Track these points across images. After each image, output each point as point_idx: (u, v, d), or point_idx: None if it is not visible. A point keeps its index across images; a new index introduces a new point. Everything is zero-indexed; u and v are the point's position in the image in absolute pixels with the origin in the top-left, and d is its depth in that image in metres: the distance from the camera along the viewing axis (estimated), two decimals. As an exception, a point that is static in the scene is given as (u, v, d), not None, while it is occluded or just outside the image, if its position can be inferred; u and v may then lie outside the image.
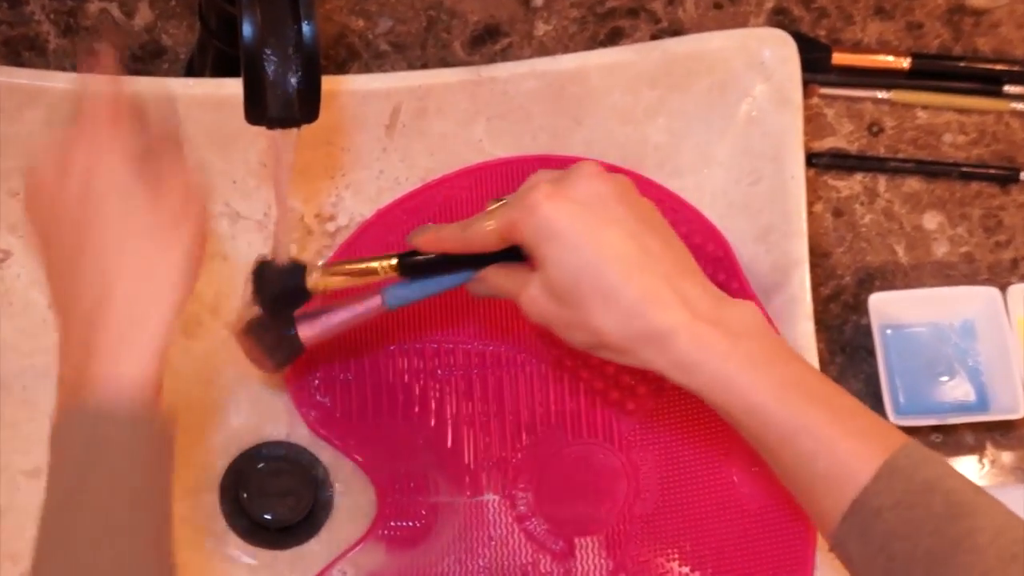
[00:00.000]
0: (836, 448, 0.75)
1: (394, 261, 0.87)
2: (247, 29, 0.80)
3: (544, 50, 1.14)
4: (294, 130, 0.83)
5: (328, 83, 0.99)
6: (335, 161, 1.03)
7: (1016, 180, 1.12)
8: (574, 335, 0.80)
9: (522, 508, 0.99)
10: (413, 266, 0.87)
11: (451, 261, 0.86)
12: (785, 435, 0.76)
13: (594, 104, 1.04)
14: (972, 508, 0.74)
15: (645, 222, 0.80)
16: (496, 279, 0.84)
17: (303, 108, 0.82)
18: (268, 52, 0.81)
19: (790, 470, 0.78)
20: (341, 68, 1.12)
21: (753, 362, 0.77)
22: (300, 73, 0.81)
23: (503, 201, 0.83)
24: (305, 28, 0.81)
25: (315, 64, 0.81)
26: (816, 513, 0.78)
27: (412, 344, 1.02)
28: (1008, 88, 1.15)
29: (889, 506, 0.73)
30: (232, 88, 0.85)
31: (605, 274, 0.77)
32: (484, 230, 0.82)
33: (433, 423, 1.01)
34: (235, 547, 0.97)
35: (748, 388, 0.76)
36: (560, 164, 1.02)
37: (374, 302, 0.90)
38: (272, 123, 0.82)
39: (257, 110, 0.82)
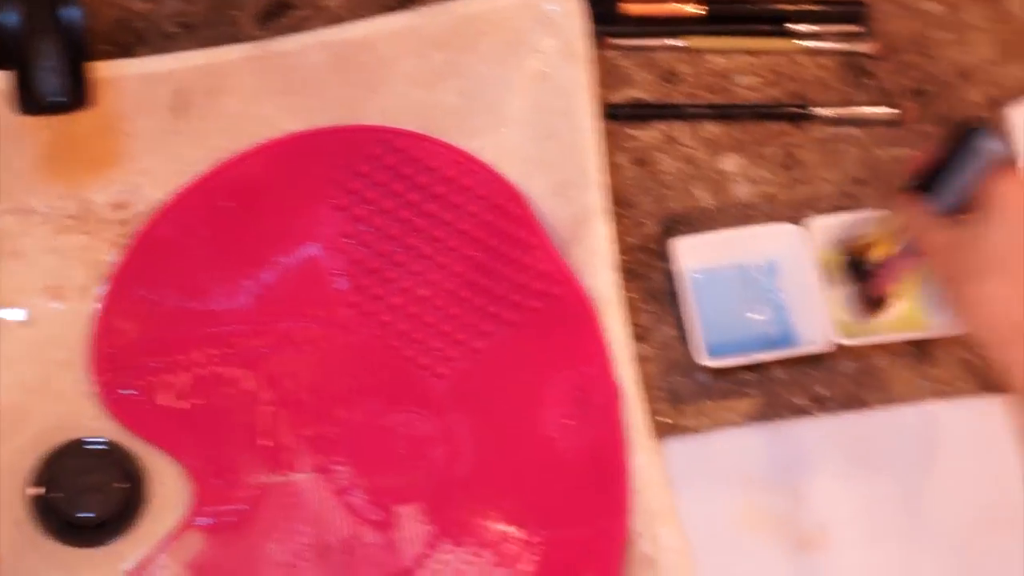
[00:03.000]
0: None
1: None
2: (10, 17, 0.79)
3: (336, 20, 1.12)
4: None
5: (108, 68, 0.98)
6: (125, 147, 1.02)
7: (809, 117, 1.13)
8: (954, 273, 0.87)
9: (341, 481, 0.99)
10: None
11: None
12: None
13: (385, 71, 1.04)
14: None
15: None
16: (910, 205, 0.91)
17: (74, 94, 0.81)
18: (34, 40, 0.80)
19: None
20: (128, 53, 1.10)
21: None
22: (68, 59, 0.80)
23: None
24: (68, 13, 0.80)
25: (82, 49, 0.81)
26: None
27: (218, 327, 1.01)
28: (796, 27, 1.17)
29: None
30: (4, 80, 0.83)
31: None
32: None
33: (244, 405, 1.00)
34: (49, 548, 0.95)
35: None
36: (356, 134, 1.03)
37: None
38: (44, 111, 0.82)
39: (28, 99, 0.81)
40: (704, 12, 1.16)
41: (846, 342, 1.04)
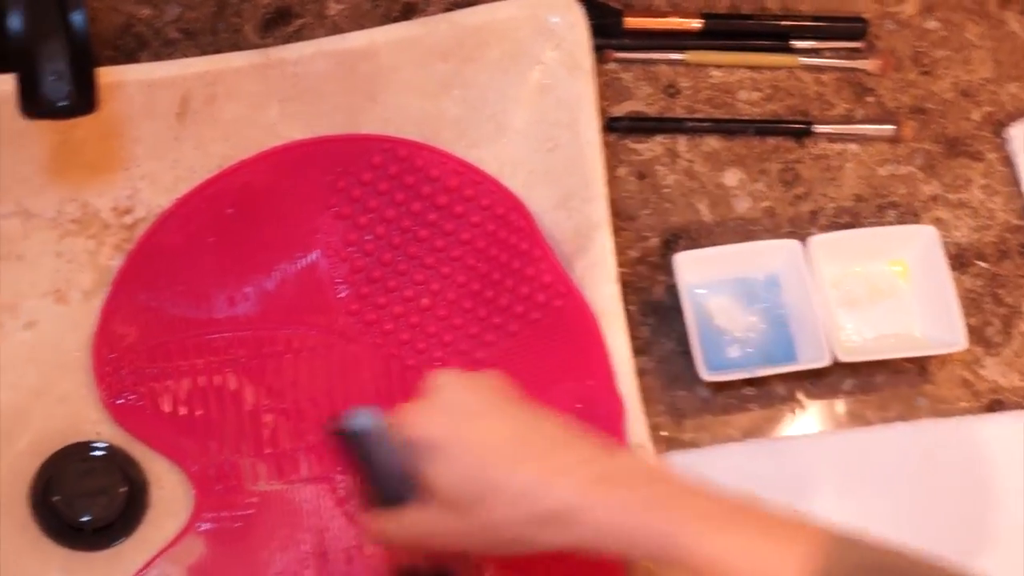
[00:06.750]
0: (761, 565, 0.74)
1: None
2: (14, 22, 0.79)
3: (338, 30, 1.13)
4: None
5: (112, 73, 0.98)
6: (128, 152, 1.02)
7: (810, 133, 1.14)
8: (475, 541, 0.79)
9: (342, 491, 0.98)
10: None
11: None
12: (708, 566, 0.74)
13: (387, 80, 1.04)
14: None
15: (511, 411, 0.81)
16: (377, 526, 0.83)
17: (79, 99, 0.80)
18: (40, 44, 0.80)
19: None
20: (131, 58, 1.10)
21: (655, 504, 0.76)
22: (73, 63, 0.80)
23: None
24: (75, 17, 0.80)
25: (87, 53, 0.80)
26: None
27: (220, 334, 1.01)
28: (796, 43, 1.17)
29: None
30: (10, 83, 0.83)
31: (486, 472, 0.77)
32: None
33: (245, 412, 0.99)
34: (49, 551, 0.95)
35: (660, 530, 0.75)
36: (359, 143, 1.03)
37: None
38: (50, 115, 0.81)
39: (32, 103, 0.81)
40: (701, 25, 1.16)
41: (846, 358, 1.04)
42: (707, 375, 1.03)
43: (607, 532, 0.75)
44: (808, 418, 1.07)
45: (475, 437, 0.78)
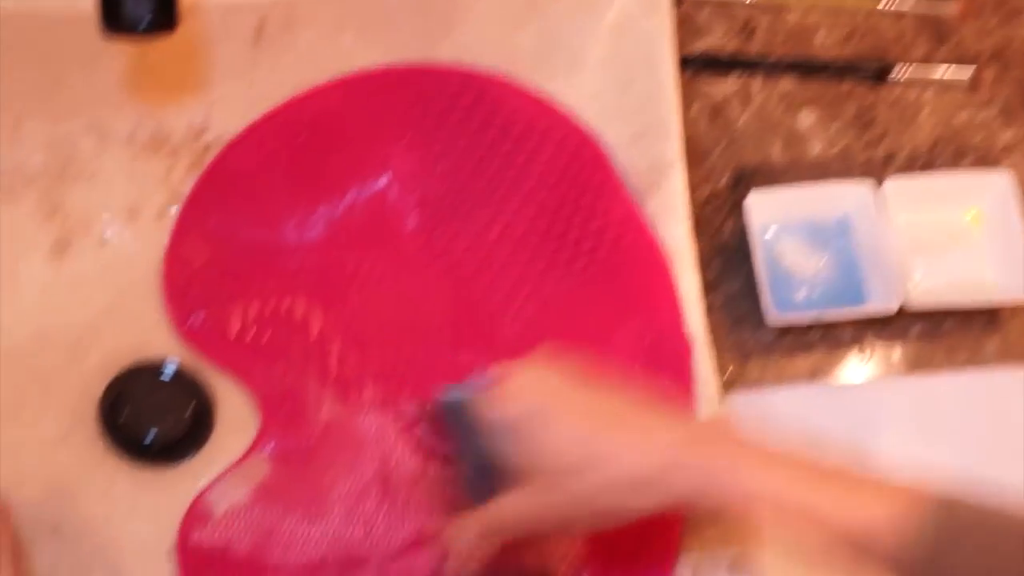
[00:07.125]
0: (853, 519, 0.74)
1: None
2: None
3: (414, -43, 1.13)
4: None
5: (193, -6, 0.98)
6: (204, 75, 1.02)
7: (886, 77, 1.13)
8: (571, 514, 0.81)
9: (407, 417, 0.99)
10: None
11: None
12: (805, 521, 0.75)
13: (464, 10, 1.03)
14: None
15: (594, 386, 0.82)
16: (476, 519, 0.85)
17: (160, 18, 0.81)
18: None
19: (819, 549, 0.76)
20: (208, -19, 1.10)
21: (743, 464, 0.77)
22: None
23: None
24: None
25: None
26: None
27: (288, 259, 1.01)
28: (877, -15, 1.16)
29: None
30: (92, 1, 0.83)
31: (591, 435, 0.79)
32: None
33: (312, 337, 1.00)
34: (116, 467, 0.95)
35: (748, 488, 0.76)
36: (432, 73, 1.02)
37: None
38: (128, 34, 0.81)
39: (113, 22, 0.81)
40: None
41: (915, 304, 1.03)
42: (774, 316, 1.02)
43: (697, 490, 0.77)
44: (874, 363, 1.06)
45: (574, 405, 0.81)
